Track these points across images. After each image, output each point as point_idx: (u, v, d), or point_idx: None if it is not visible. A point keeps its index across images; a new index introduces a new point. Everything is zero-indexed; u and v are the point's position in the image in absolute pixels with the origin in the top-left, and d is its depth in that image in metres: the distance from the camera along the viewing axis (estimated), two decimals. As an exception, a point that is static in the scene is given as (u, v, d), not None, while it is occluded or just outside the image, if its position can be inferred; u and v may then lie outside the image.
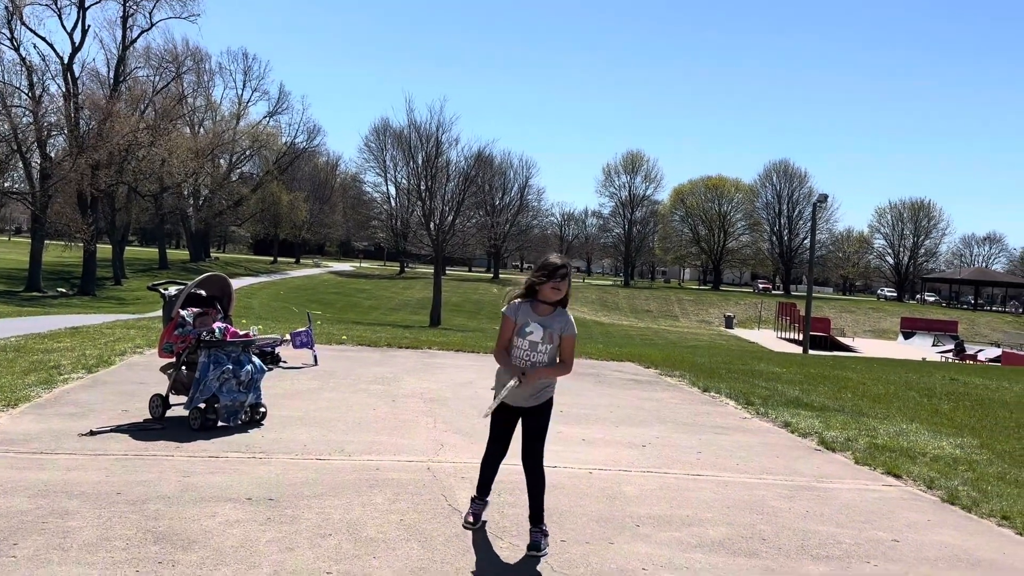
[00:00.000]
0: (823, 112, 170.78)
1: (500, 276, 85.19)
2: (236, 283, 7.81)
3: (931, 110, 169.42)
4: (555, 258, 4.43)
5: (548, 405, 4.53)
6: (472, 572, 4.03)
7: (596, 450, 6.87)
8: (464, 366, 11.89)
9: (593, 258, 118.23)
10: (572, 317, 4.50)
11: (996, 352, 41.09)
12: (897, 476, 6.71)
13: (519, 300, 4.46)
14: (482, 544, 4.41)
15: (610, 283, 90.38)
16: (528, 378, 4.35)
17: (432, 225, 45.98)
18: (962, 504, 5.94)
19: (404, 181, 68.24)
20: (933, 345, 46.14)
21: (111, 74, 51.53)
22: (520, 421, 4.52)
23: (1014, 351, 40.56)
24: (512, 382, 4.33)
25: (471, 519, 4.63)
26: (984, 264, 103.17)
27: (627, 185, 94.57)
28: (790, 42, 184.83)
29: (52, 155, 44.50)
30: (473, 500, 4.72)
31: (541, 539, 4.37)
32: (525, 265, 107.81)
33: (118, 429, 6.48)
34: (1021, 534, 5.34)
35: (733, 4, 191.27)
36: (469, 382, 10.30)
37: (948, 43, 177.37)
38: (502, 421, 4.53)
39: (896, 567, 4.51)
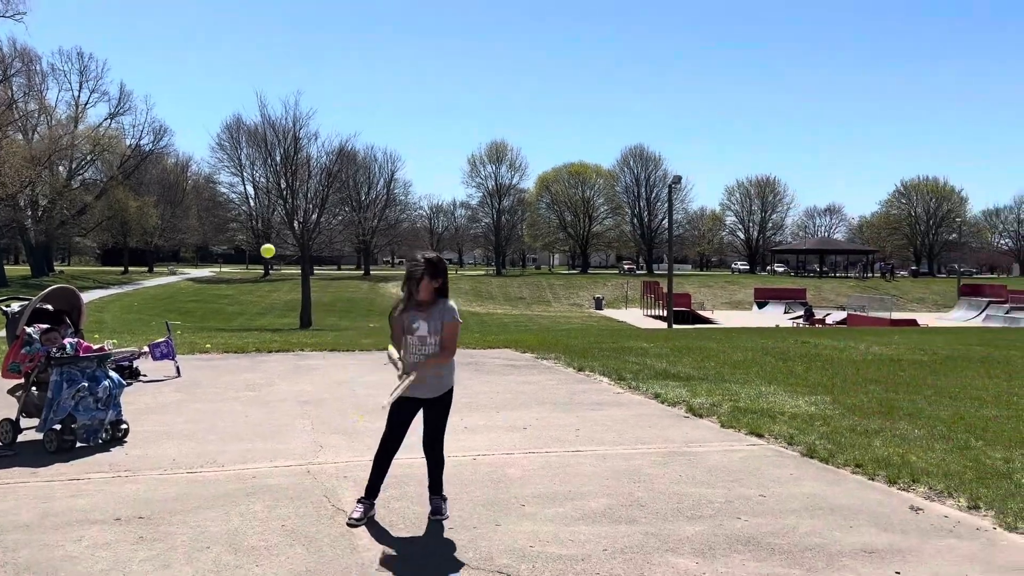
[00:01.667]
0: (673, 96, 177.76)
1: (371, 272, 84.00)
2: (85, 297, 7.35)
3: (771, 89, 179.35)
4: (419, 257, 4.61)
5: (448, 395, 4.74)
6: (361, 567, 3.98)
7: (479, 436, 6.93)
8: (340, 365, 11.68)
9: (464, 249, 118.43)
10: (453, 305, 4.68)
11: (842, 315, 44.18)
12: (760, 435, 7.12)
13: (403, 303, 4.67)
14: (369, 541, 4.37)
15: (482, 273, 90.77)
16: (418, 370, 4.54)
17: (296, 224, 44.75)
18: (820, 457, 6.37)
19: (263, 180, 66.00)
20: (785, 312, 48.94)
21: (-73, 78, 47.19)
22: (421, 412, 4.70)
23: (858, 313, 43.71)
24: (408, 379, 4.50)
25: (357, 515, 4.60)
26: (827, 234, 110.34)
27: (493, 175, 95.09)
28: (638, 29, 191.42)
29: None
30: (360, 500, 4.71)
31: (442, 504, 4.77)
32: (396, 260, 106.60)
33: (-38, 460, 5.99)
34: (873, 479, 5.79)
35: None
36: (346, 381, 10.14)
37: (783, 24, 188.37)
38: (402, 413, 4.66)
39: (764, 520, 4.79)
